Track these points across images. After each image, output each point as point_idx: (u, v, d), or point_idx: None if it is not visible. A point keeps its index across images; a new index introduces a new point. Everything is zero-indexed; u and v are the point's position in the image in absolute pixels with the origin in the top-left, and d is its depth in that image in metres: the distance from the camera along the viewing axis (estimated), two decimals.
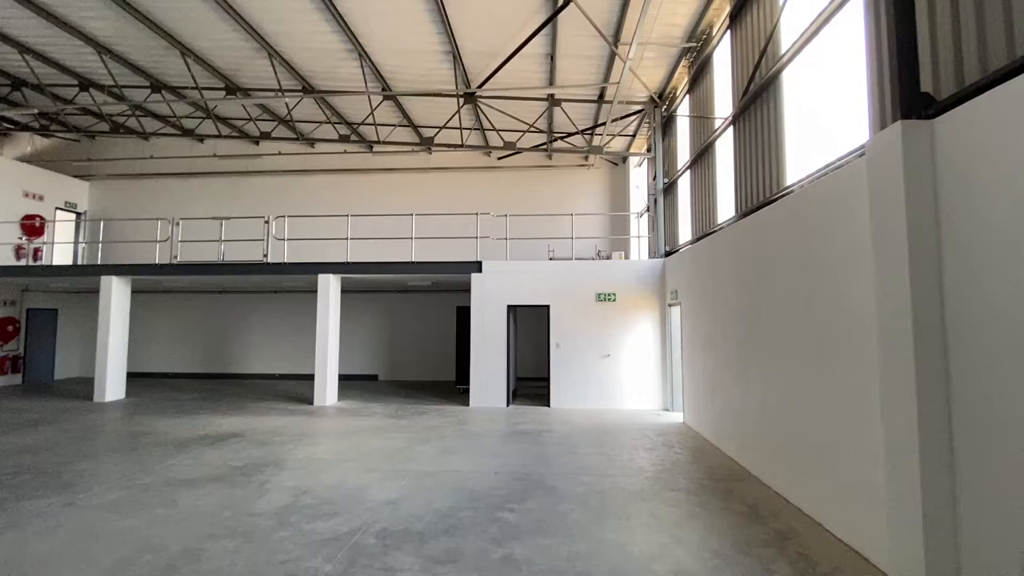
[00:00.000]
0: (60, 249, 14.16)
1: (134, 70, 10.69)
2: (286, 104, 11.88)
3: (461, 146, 12.03)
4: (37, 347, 13.50)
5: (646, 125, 12.08)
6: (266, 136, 12.81)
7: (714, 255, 7.15)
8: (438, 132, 12.21)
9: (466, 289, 10.91)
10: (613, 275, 10.09)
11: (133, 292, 12.84)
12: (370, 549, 3.86)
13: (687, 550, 3.89)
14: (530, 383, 12.94)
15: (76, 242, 14.57)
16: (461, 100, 11.03)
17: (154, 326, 14.52)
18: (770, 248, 5.38)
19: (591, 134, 12.67)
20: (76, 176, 14.91)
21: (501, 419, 8.84)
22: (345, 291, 12.77)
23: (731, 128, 7.31)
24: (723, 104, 7.86)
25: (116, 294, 10.60)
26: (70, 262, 14.25)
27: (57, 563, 3.63)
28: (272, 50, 9.59)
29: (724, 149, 7.78)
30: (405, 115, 12.34)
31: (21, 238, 13.03)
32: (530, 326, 13.30)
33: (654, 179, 11.13)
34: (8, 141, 15.08)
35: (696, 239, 8.70)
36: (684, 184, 9.88)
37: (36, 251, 13.32)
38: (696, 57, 8.98)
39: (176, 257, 11.03)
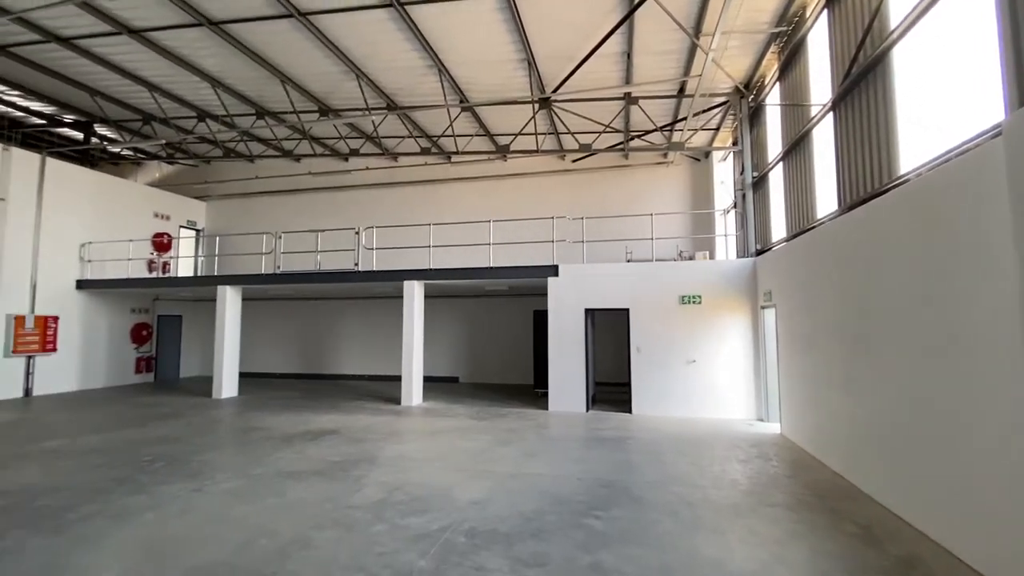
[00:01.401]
0: (183, 262, 16.03)
1: (241, 100, 11.89)
2: (372, 122, 12.63)
3: (536, 151, 12.13)
4: (166, 349, 15.36)
5: (731, 117, 11.47)
6: (355, 153, 13.71)
7: (814, 252, 6.61)
8: (513, 139, 12.39)
9: (543, 293, 10.93)
10: (697, 276, 9.65)
11: (244, 300, 14.23)
12: (460, 547, 3.97)
13: (793, 571, 3.61)
14: (610, 388, 12.69)
15: (196, 256, 16.42)
16: (536, 106, 11.12)
17: (261, 330, 15.98)
18: (882, 243, 4.88)
19: (670, 130, 12.25)
20: (195, 197, 16.82)
21: (581, 424, 8.75)
22: (428, 296, 13.29)
23: (831, 115, 6.74)
24: (820, 90, 7.27)
25: (230, 302, 11.80)
26: (191, 274, 16.07)
27: (190, 543, 4.09)
28: (360, 72, 10.25)
29: (823, 138, 7.19)
30: (481, 125, 12.66)
31: (152, 253, 14.91)
32: (608, 330, 13.06)
33: (741, 173, 10.53)
34: (140, 169, 17.36)
35: (792, 236, 8.10)
36: (776, 177, 9.25)
37: (165, 264, 15.18)
38: (787, 42, 8.40)
39: (279, 267, 12.08)
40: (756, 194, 10.21)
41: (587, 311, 9.97)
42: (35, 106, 13.04)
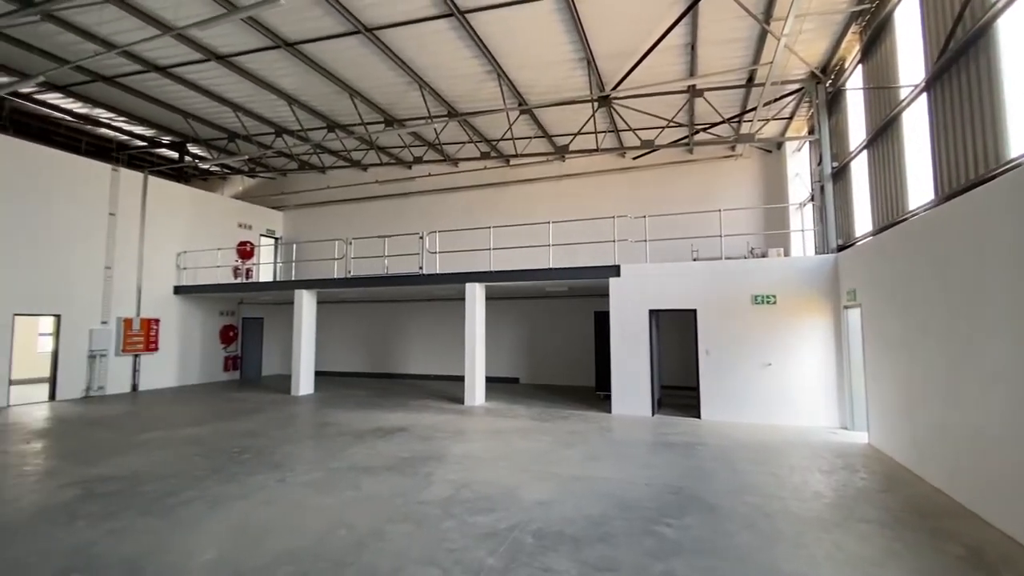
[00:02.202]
0: (264, 268, 17.23)
1: (314, 115, 12.62)
2: (435, 129, 13.00)
3: (596, 150, 11.97)
4: (250, 349, 16.57)
5: (806, 105, 10.79)
6: (418, 160, 14.16)
7: (907, 246, 6.06)
8: (572, 139, 12.30)
9: (604, 294, 10.76)
10: (771, 274, 9.13)
11: (318, 303, 15.07)
12: (528, 548, 3.98)
13: None
14: (676, 392, 12.28)
15: (275, 262, 17.60)
16: (595, 104, 10.98)
17: (334, 331, 16.86)
18: (991, 234, 4.39)
19: (739, 122, 11.71)
20: (274, 208, 18.04)
21: (646, 428, 8.52)
22: (489, 298, 13.48)
23: (924, 96, 6.17)
24: (909, 70, 6.67)
25: (306, 305, 12.54)
26: (271, 279, 17.24)
27: (277, 530, 4.37)
28: (422, 82, 10.58)
29: (914, 122, 6.59)
30: (540, 126, 12.68)
31: (237, 261, 16.14)
32: (674, 331, 12.64)
33: (819, 164, 9.86)
34: (226, 183, 18.85)
35: (879, 229, 7.48)
36: (859, 167, 8.58)
37: (248, 271, 16.39)
38: (870, 21, 7.78)
39: (350, 272, 12.70)
40: (836, 185, 9.51)
41: (651, 312, 9.71)
42: (138, 130, 14.51)
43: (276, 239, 17.88)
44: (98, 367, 12.29)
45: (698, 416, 9.31)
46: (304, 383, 12.47)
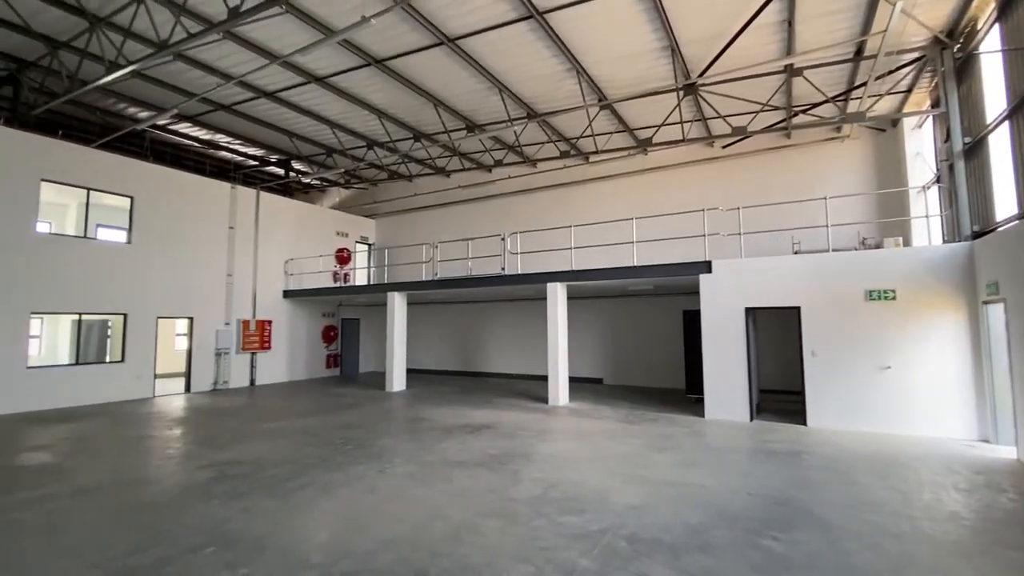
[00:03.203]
0: (360, 273, 18.44)
1: (401, 126, 13.29)
2: (514, 131, 13.16)
3: (682, 141, 11.46)
4: (348, 347, 17.81)
5: (928, 74, 9.57)
6: (499, 163, 14.42)
7: None
8: (656, 131, 11.87)
9: (693, 291, 10.25)
10: (889, 267, 8.18)
11: (408, 304, 15.87)
12: (622, 552, 3.89)
13: None
14: (777, 396, 11.42)
15: (369, 267, 18.77)
16: (680, 93, 10.52)
17: (423, 331, 17.65)
18: None
19: (845, 100, 10.65)
20: (366, 216, 19.25)
21: (745, 434, 7.99)
22: (571, 297, 13.40)
23: None
24: None
25: (397, 306, 13.24)
26: (366, 282, 18.40)
27: (379, 517, 4.65)
28: (502, 86, 10.75)
29: None
30: (620, 120, 12.37)
31: (336, 266, 17.42)
32: (774, 331, 11.76)
33: (946, 141, 8.70)
34: (324, 195, 20.42)
35: None
36: (999, 141, 7.44)
37: (345, 275, 17.64)
38: None
39: (436, 274, 13.22)
40: (969, 164, 8.32)
41: (747, 310, 9.09)
42: (251, 151, 16.17)
43: (369, 245, 19.07)
44: (223, 363, 13.85)
45: (803, 423, 8.58)
46: (397, 380, 13.16)
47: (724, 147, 13.00)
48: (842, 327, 8.35)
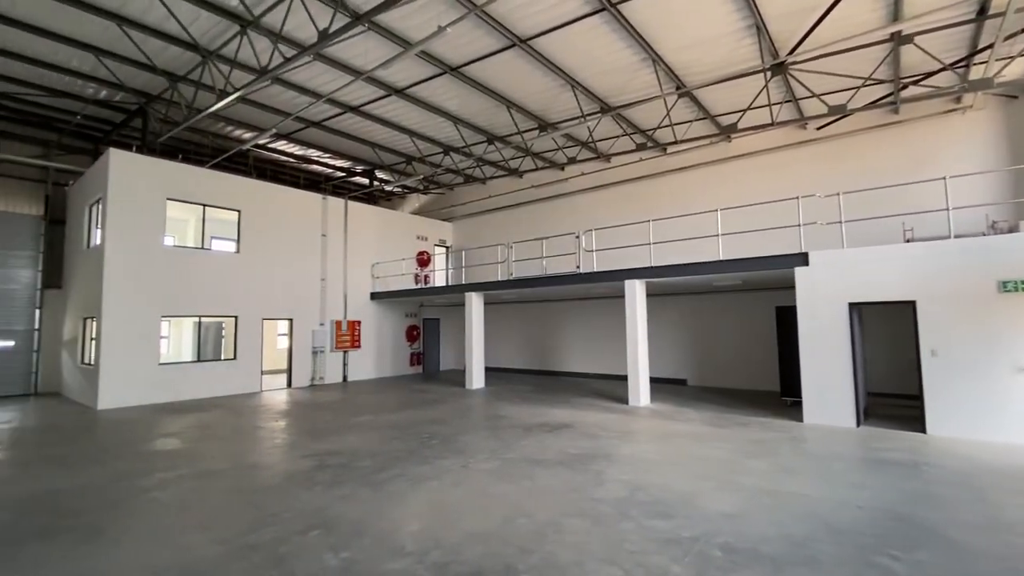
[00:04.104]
0: (439, 275, 19.11)
1: (475, 130, 13.59)
2: (588, 127, 12.99)
3: (771, 125, 10.71)
4: (429, 346, 18.52)
5: None
6: (572, 161, 14.30)
7: None
8: (740, 116, 11.19)
9: (787, 286, 9.54)
10: None
11: (486, 304, 16.21)
12: (717, 561, 3.70)
13: None
14: (889, 400, 10.34)
15: (447, 268, 19.39)
16: (768, 74, 9.84)
17: (499, 330, 17.95)
18: None
19: (966, 66, 9.39)
20: (443, 219, 19.90)
21: (851, 441, 7.30)
22: (650, 295, 12.97)
23: None
24: None
25: (475, 306, 13.56)
26: (444, 284, 19.04)
27: (465, 511, 4.78)
28: (574, 82, 10.65)
29: None
30: (700, 107, 11.79)
31: (417, 269, 18.18)
32: (883, 328, 10.66)
33: None
34: (405, 201, 21.37)
35: None
36: None
37: (426, 277, 18.36)
38: None
39: (512, 274, 13.38)
40: None
41: (851, 305, 8.29)
42: (338, 163, 17.31)
43: (447, 248, 19.71)
44: (319, 361, 14.95)
45: (922, 430, 7.67)
46: (476, 378, 13.48)
47: (819, 128, 11.96)
48: (969, 323, 7.36)
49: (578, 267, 12.09)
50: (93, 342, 11.47)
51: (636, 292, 10.60)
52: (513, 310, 17.75)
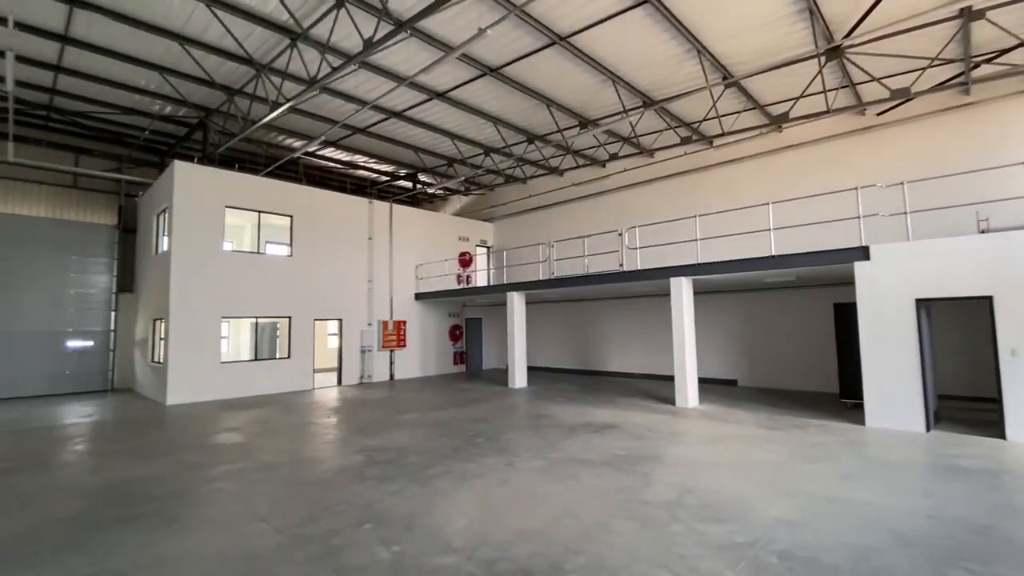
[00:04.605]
0: (480, 275, 19.29)
1: (515, 130, 13.62)
2: (630, 123, 12.77)
3: (826, 112, 10.19)
4: (472, 345, 18.73)
5: None
6: (614, 157, 14.10)
7: None
8: (792, 105, 10.70)
9: (845, 282, 9.04)
10: None
11: (528, 303, 16.24)
12: (774, 568, 3.55)
13: None
14: (962, 403, 9.63)
15: (488, 269, 19.55)
16: (822, 59, 9.36)
17: (541, 329, 17.93)
18: None
19: None
20: (484, 220, 20.07)
21: (919, 447, 6.83)
22: (697, 292, 12.62)
23: None
24: None
25: (517, 305, 13.60)
26: (486, 284, 19.20)
27: (512, 509, 4.80)
28: (615, 77, 10.50)
29: None
30: (749, 97, 11.35)
31: (459, 269, 18.41)
32: (954, 326, 9.93)
33: None
34: (447, 203, 21.69)
35: None
36: None
37: (468, 277, 18.57)
38: None
39: (553, 273, 13.33)
40: None
41: (918, 302, 7.76)
42: (383, 167, 17.77)
43: (488, 248, 19.87)
44: (367, 360, 15.42)
45: (1000, 435, 7.09)
46: (519, 377, 13.52)
47: (880, 114, 11.26)
48: None
49: (621, 265, 11.90)
50: (162, 342, 12.28)
51: (683, 290, 10.33)
52: (555, 309, 17.68)
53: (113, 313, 14.66)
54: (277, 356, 14.25)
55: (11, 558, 3.95)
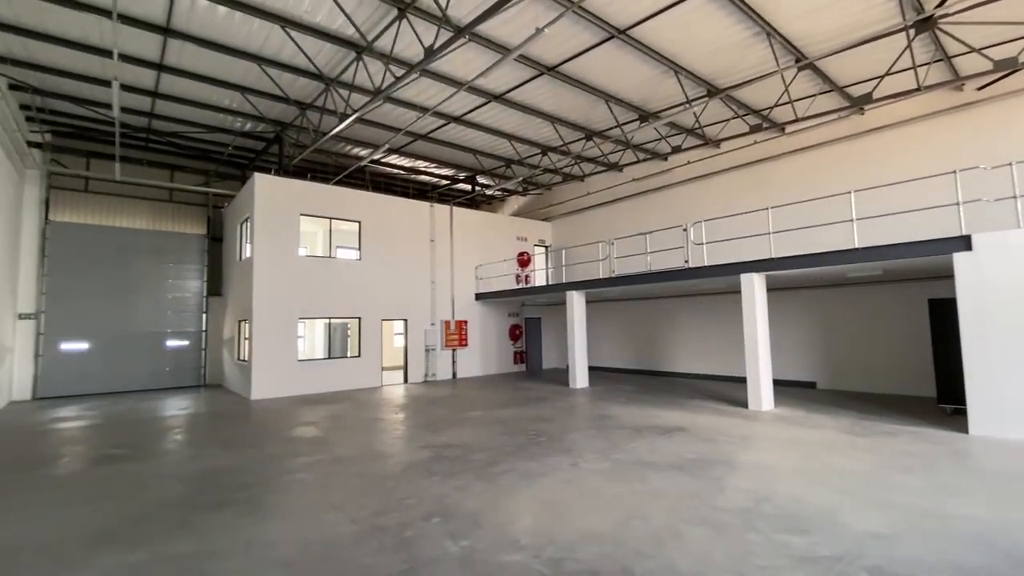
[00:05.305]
0: (539, 274, 19.30)
1: (573, 128, 13.50)
2: (694, 113, 12.30)
3: (916, 90, 9.31)
4: (531, 345, 18.77)
5: None
6: (676, 149, 13.61)
7: None
8: (877, 84, 9.87)
9: (942, 275, 8.19)
10: None
11: (588, 302, 16.05)
12: None
13: None
14: None
15: (547, 268, 19.51)
16: (911, 32, 8.56)
17: (602, 329, 17.67)
18: None
19: None
20: (542, 219, 20.05)
21: None
22: (770, 289, 11.94)
23: None
24: None
25: (576, 305, 13.47)
26: (545, 283, 19.17)
27: (577, 509, 4.76)
28: (677, 67, 10.15)
29: None
30: (826, 79, 10.58)
31: (517, 269, 18.51)
32: None
33: None
34: (504, 204, 21.87)
35: None
36: None
37: (527, 277, 18.63)
38: None
39: (613, 271, 13.09)
40: None
41: None
42: (443, 171, 18.21)
43: (546, 247, 19.83)
44: (431, 358, 15.86)
45: None
46: (580, 377, 13.39)
47: (980, 88, 10.14)
48: None
49: (686, 261, 11.47)
50: (246, 341, 13.26)
51: (755, 286, 9.80)
52: (616, 308, 17.35)
53: (204, 315, 16.01)
54: (348, 355, 14.97)
55: (126, 536, 4.41)
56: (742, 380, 10.86)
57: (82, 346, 13.94)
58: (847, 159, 11.92)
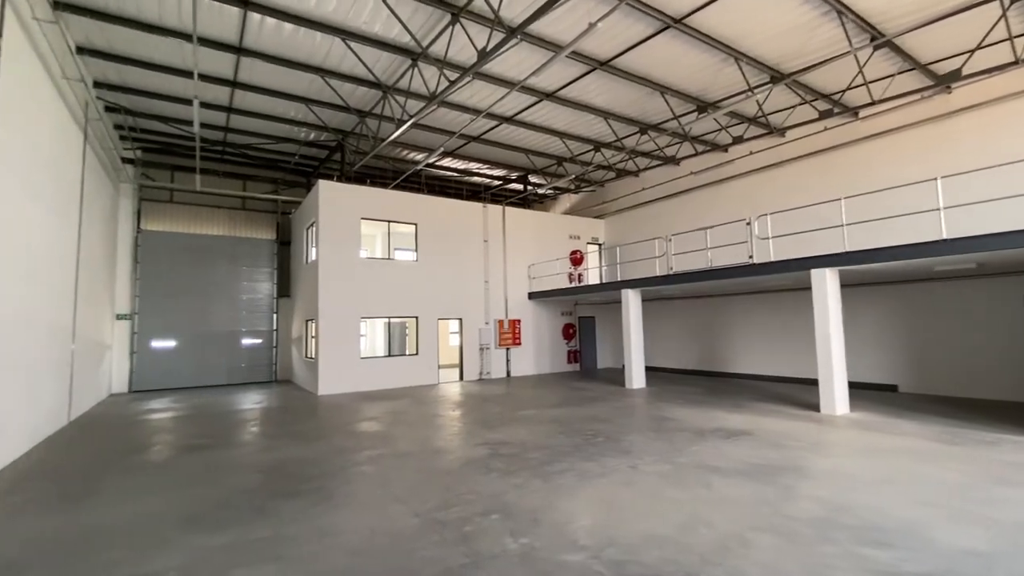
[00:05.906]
0: (592, 273, 19.06)
1: (626, 122, 13.23)
2: (756, 101, 11.73)
3: (1015, 63, 8.40)
4: (585, 344, 18.57)
5: None
6: (738, 140, 13.02)
7: None
8: (967, 59, 9.00)
9: None
10: None
11: (644, 301, 15.68)
12: None
13: None
14: None
15: (600, 266, 19.23)
16: (1006, 1, 7.73)
17: (659, 328, 17.20)
18: None
19: None
20: (595, 217, 19.77)
21: None
22: (844, 285, 11.19)
23: None
24: None
25: (632, 303, 13.19)
26: (598, 281, 18.90)
27: (637, 512, 4.66)
28: (738, 54, 9.71)
29: None
30: (906, 57, 9.77)
31: (570, 268, 18.37)
32: None
33: None
34: (556, 202, 21.75)
35: None
36: None
37: (579, 276, 18.45)
38: None
39: (671, 269, 12.71)
40: None
41: None
42: (495, 172, 18.38)
43: (599, 245, 19.55)
44: (485, 357, 16.06)
45: None
46: (636, 377, 13.10)
47: None
48: None
49: (751, 257, 10.94)
50: (313, 340, 13.98)
51: (827, 283, 9.21)
52: (673, 306, 16.84)
53: (275, 315, 17.02)
54: (407, 353, 15.45)
55: (210, 520, 4.77)
56: (812, 382, 10.21)
57: (170, 344, 15.20)
58: (931, 142, 10.94)
